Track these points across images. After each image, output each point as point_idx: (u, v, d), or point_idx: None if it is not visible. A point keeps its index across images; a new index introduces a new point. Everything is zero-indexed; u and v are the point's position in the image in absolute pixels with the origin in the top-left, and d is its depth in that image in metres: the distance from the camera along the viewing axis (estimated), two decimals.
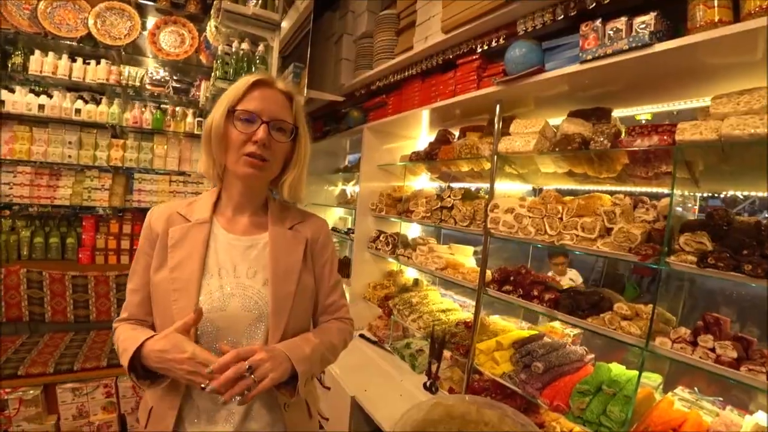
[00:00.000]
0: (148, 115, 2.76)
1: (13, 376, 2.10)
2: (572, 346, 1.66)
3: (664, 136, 1.19)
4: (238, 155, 0.88)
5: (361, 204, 2.66)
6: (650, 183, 1.49)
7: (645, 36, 1.09)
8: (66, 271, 2.56)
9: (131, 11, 2.68)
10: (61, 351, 2.34)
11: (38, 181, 2.56)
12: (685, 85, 1.33)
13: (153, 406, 0.89)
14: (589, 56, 1.23)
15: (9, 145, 2.47)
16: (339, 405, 1.98)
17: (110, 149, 2.69)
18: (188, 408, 0.87)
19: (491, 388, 1.68)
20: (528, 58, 1.42)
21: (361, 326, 2.63)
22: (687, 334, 1.13)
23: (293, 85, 2.04)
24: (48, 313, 2.53)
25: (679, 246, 1.14)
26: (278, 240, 0.96)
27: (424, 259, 2.18)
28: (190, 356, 0.76)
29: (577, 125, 1.48)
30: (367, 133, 2.58)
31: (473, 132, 2.01)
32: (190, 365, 0.76)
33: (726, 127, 1.03)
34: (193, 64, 2.97)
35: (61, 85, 2.60)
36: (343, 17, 2.69)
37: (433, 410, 1.22)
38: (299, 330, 0.97)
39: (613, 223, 1.29)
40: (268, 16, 2.10)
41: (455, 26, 1.70)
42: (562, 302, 1.43)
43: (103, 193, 2.69)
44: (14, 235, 2.54)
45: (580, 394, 1.31)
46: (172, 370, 0.78)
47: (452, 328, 1.98)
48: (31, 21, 2.47)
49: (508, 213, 1.60)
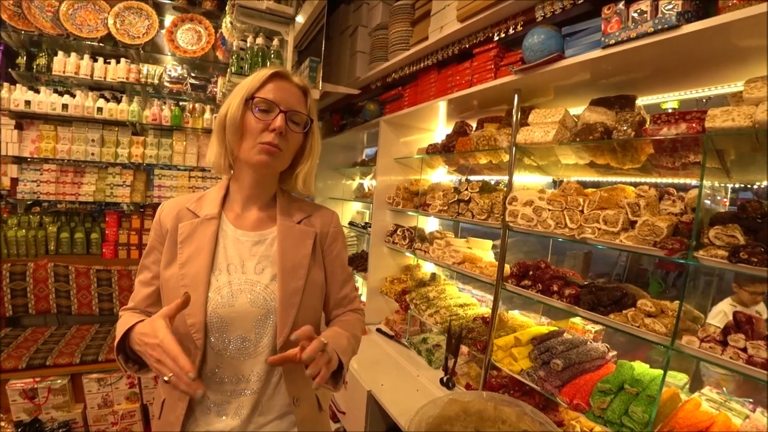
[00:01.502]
0: (167, 112, 2.81)
1: (42, 366, 2.19)
2: (593, 343, 1.61)
3: (692, 123, 1.12)
4: (254, 143, 0.89)
5: (377, 198, 2.64)
6: (677, 174, 1.42)
7: (672, 17, 1.03)
8: (91, 265, 2.65)
9: (149, 10, 2.72)
10: (87, 342, 2.42)
11: (63, 179, 2.64)
12: (716, 69, 1.25)
13: (165, 398, 0.91)
14: (611, 41, 1.17)
15: (35, 143, 2.56)
16: (355, 399, 1.98)
17: (131, 146, 2.76)
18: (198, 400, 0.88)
19: (509, 384, 1.65)
20: (546, 45, 1.37)
21: (378, 320, 2.62)
22: (716, 333, 1.08)
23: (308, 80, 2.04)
24: (74, 305, 2.62)
25: (709, 240, 1.08)
26: (286, 235, 0.96)
27: (441, 253, 2.15)
28: (159, 343, 0.73)
29: (599, 114, 1.42)
30: (384, 126, 2.55)
31: (491, 123, 1.96)
32: (158, 353, 0.73)
33: (761, 113, 0.96)
34: (210, 60, 3.01)
35: (84, 85, 2.67)
36: (357, 9, 2.66)
37: (449, 407, 1.21)
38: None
39: (637, 216, 1.23)
40: (282, 10, 2.09)
41: (471, 14, 1.65)
42: (583, 298, 1.38)
43: (125, 190, 2.76)
44: (42, 230, 2.63)
45: (601, 393, 1.27)
46: (145, 355, 0.76)
47: (469, 323, 1.95)
48: (53, 23, 2.54)
49: (527, 206, 1.56)
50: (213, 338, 0.87)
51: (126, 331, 0.81)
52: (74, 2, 2.54)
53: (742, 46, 1.07)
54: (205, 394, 0.81)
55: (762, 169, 1.26)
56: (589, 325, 1.87)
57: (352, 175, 3.58)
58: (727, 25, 0.97)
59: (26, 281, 2.52)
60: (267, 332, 0.90)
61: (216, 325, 0.87)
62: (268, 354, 0.89)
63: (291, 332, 0.89)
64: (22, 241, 2.57)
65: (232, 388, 0.89)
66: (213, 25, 2.91)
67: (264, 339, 0.90)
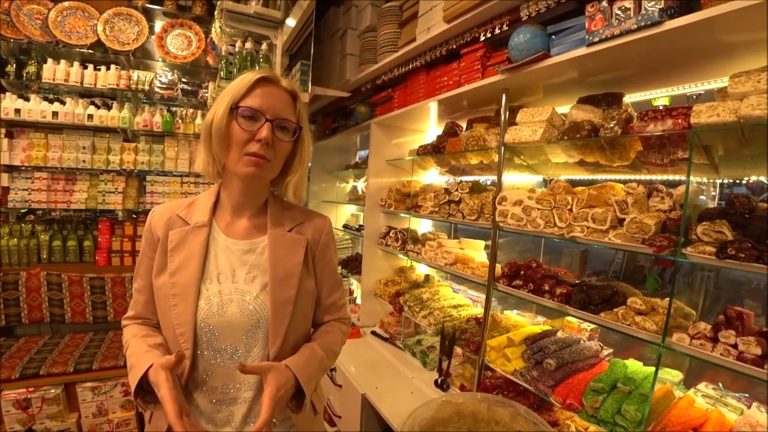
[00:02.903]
0: (158, 118, 2.80)
1: (35, 375, 2.17)
2: (587, 342, 1.60)
3: (678, 119, 1.12)
4: (240, 154, 0.86)
5: (370, 200, 2.63)
6: (666, 170, 1.41)
7: (654, 13, 1.03)
8: (84, 273, 2.63)
9: (138, 16, 2.72)
10: (81, 351, 2.40)
11: (55, 186, 2.63)
12: (703, 65, 1.24)
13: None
14: (595, 38, 1.16)
15: (26, 152, 2.55)
16: (350, 402, 1.97)
17: (122, 153, 2.75)
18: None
19: (503, 385, 1.64)
20: (532, 44, 1.36)
21: (372, 323, 2.61)
22: (707, 330, 1.07)
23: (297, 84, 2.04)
24: (68, 314, 2.60)
25: (697, 236, 1.07)
26: (277, 244, 0.94)
27: (433, 254, 2.14)
28: (160, 398, 0.75)
29: (586, 112, 1.42)
30: (375, 128, 2.54)
31: (480, 123, 1.95)
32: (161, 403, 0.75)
33: (746, 108, 0.96)
34: (200, 65, 3.00)
35: (74, 92, 2.66)
36: (347, 12, 2.66)
37: (442, 408, 1.20)
38: (300, 335, 0.96)
39: (625, 214, 1.23)
40: (269, 14, 2.09)
41: (457, 15, 1.65)
42: (574, 297, 1.37)
43: (117, 196, 2.75)
44: (34, 239, 2.61)
45: (594, 392, 1.26)
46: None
47: (463, 324, 1.94)
48: (42, 30, 2.53)
49: (517, 205, 1.55)
50: (202, 348, 0.86)
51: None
52: (63, 9, 2.54)
53: (727, 41, 1.06)
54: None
55: (749, 164, 1.26)
56: (584, 324, 1.86)
57: (346, 177, 3.57)
58: (710, 20, 0.96)
59: (19, 290, 2.50)
60: (257, 342, 0.89)
61: (205, 334, 0.86)
62: (259, 363, 0.87)
63: (283, 342, 0.89)
64: (14, 250, 2.55)
65: (222, 396, 0.88)
66: (203, 30, 2.91)
67: (254, 349, 0.88)
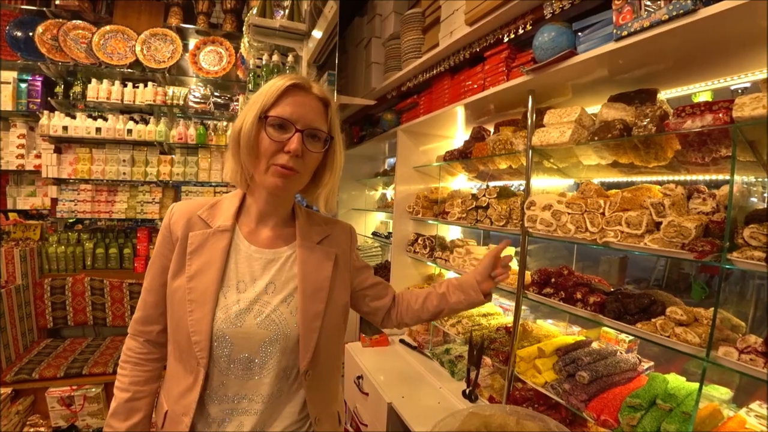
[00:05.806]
0: (192, 131, 2.92)
1: (78, 374, 2.30)
2: (624, 354, 1.51)
3: (719, 114, 1.03)
4: (268, 164, 0.84)
5: (398, 207, 2.61)
6: (708, 170, 1.31)
7: (687, 1, 0.96)
8: (124, 279, 2.76)
9: (173, 35, 2.86)
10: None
11: (98, 197, 2.80)
12: (745, 55, 1.15)
13: (168, 410, 0.90)
14: (624, 32, 1.11)
15: (73, 165, 2.72)
16: (377, 411, 1.94)
17: (159, 165, 2.88)
18: (198, 415, 0.87)
19: (534, 398, 1.57)
20: (557, 42, 1.31)
21: (401, 331, 2.58)
22: (758, 344, 0.97)
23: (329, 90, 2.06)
24: (109, 317, 2.74)
25: (744, 240, 0.98)
26: (307, 257, 0.92)
27: (461, 261, 2.09)
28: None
29: (617, 110, 1.35)
30: (401, 135, 2.53)
31: (507, 126, 1.90)
32: None
33: None
34: (231, 80, 3.12)
35: (115, 109, 2.83)
36: (371, 21, 2.69)
37: (468, 420, 1.15)
38: (331, 348, 0.94)
39: (662, 217, 1.15)
40: (294, 27, 2.15)
41: (479, 17, 1.62)
42: (609, 306, 1.29)
43: (155, 206, 2.88)
44: (80, 247, 2.78)
45: (631, 408, 1.18)
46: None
47: (492, 333, 1.88)
48: (87, 53, 2.71)
49: (546, 210, 1.49)
50: (217, 357, 0.84)
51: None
52: (105, 33, 2.71)
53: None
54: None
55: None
56: (622, 335, 1.76)
57: (375, 185, 3.58)
58: (749, 4, 0.89)
59: (65, 294, 2.66)
60: (274, 354, 0.86)
61: (221, 344, 0.84)
62: (273, 376, 0.86)
63: (313, 356, 0.87)
64: (62, 257, 2.72)
65: (234, 406, 0.87)
66: (233, 46, 3.03)
67: (270, 361, 0.86)
